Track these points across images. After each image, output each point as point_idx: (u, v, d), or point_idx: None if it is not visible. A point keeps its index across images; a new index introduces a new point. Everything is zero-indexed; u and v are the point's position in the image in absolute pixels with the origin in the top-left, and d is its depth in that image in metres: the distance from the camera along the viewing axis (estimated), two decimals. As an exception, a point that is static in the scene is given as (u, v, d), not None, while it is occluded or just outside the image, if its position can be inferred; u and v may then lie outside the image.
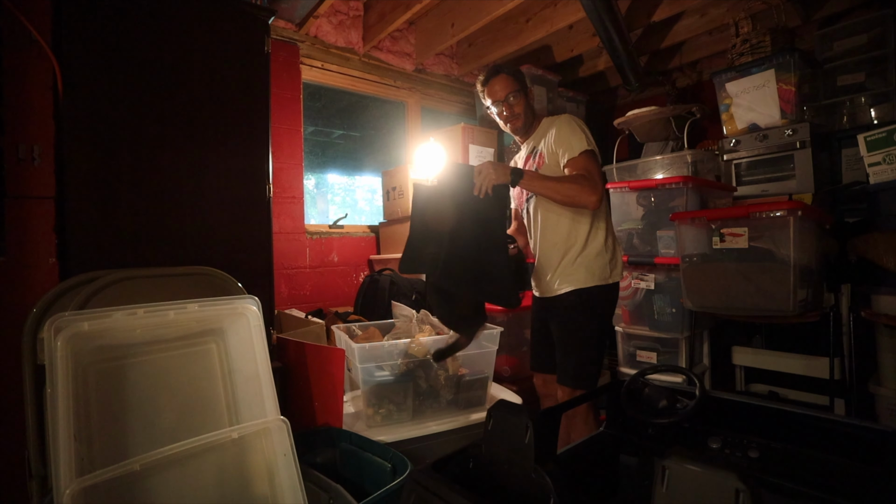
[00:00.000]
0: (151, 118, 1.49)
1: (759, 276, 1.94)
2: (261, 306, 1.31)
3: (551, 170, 1.65)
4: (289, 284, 2.78)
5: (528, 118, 1.76)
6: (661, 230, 2.41)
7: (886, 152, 1.90)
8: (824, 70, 2.53)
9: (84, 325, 1.04)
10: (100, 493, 0.95)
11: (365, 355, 1.58)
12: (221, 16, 1.64)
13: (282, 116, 2.76)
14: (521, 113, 1.73)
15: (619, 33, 2.68)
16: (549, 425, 1.03)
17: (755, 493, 0.61)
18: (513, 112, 1.73)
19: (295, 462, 1.19)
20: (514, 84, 1.71)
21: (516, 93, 1.71)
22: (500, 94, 1.72)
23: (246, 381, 1.28)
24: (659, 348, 2.47)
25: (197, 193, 1.57)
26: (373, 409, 1.61)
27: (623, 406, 1.13)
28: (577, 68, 3.61)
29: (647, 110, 3.04)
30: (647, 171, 2.93)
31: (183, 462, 1.11)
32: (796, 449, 0.93)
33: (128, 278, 1.29)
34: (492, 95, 1.74)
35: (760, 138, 2.59)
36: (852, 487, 0.84)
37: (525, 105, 1.74)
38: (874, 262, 1.85)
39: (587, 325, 1.63)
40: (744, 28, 2.70)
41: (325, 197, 3.39)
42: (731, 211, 2.05)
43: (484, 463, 0.88)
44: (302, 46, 2.87)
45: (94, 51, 1.39)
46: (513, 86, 1.71)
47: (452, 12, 3.00)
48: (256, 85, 1.72)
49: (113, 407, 1.10)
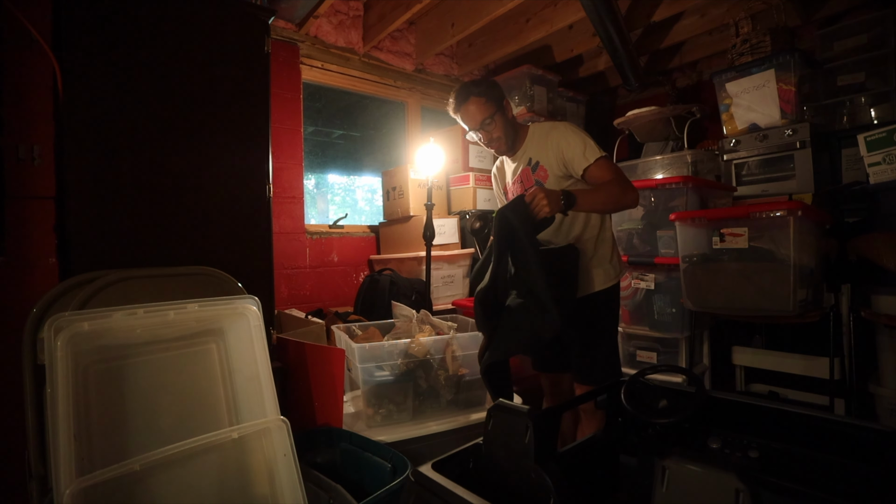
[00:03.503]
0: (151, 118, 1.49)
1: (759, 276, 1.94)
2: (261, 306, 1.31)
3: (557, 182, 1.60)
4: (289, 284, 2.77)
5: (509, 137, 1.64)
6: (661, 230, 2.41)
7: (886, 152, 1.90)
8: (824, 70, 2.53)
9: (84, 325, 1.04)
10: (100, 493, 0.95)
11: (365, 355, 1.58)
12: (221, 16, 1.64)
13: (282, 116, 2.76)
14: (500, 136, 1.62)
15: (619, 33, 2.68)
16: (549, 425, 1.03)
17: (755, 493, 0.61)
18: (491, 137, 1.63)
19: (295, 462, 1.19)
20: (486, 108, 1.58)
21: (491, 118, 1.59)
22: (474, 122, 1.61)
23: (246, 381, 1.28)
24: (659, 348, 2.47)
25: (197, 193, 1.57)
26: (373, 409, 1.61)
27: (623, 406, 1.13)
28: (577, 68, 3.61)
29: (647, 110, 3.05)
30: (647, 171, 2.93)
31: (183, 462, 1.11)
32: (796, 449, 0.93)
33: (128, 278, 1.29)
34: (467, 122, 1.63)
35: (760, 138, 2.59)
36: (852, 487, 0.84)
37: (504, 125, 1.62)
38: (874, 262, 1.85)
39: (611, 324, 1.66)
40: (744, 28, 2.70)
41: (325, 197, 3.40)
42: (731, 211, 2.06)
43: (484, 463, 0.88)
44: (302, 46, 2.87)
45: (94, 51, 1.39)
46: (486, 110, 1.58)
47: (452, 12, 3.00)
48: (256, 85, 1.72)
49: (113, 407, 1.10)
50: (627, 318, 2.57)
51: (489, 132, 1.62)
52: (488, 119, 1.59)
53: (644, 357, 2.51)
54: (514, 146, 1.68)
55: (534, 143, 1.66)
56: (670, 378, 1.58)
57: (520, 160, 1.69)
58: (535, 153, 1.65)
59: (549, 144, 1.60)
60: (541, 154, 1.63)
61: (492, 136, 1.63)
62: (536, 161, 1.64)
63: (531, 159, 1.65)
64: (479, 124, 1.60)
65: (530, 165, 1.66)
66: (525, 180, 1.68)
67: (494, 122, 1.60)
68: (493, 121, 1.60)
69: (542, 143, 1.63)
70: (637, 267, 2.48)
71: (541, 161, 1.63)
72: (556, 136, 1.60)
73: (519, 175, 1.70)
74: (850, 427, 0.92)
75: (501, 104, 1.62)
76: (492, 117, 1.60)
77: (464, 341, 1.73)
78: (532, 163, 1.65)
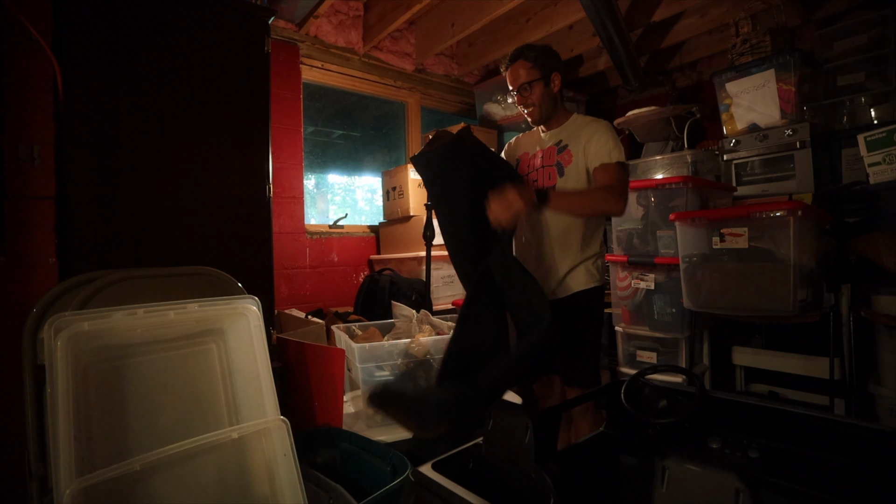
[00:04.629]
0: (151, 118, 1.49)
1: (759, 276, 1.94)
2: (261, 306, 1.31)
3: (576, 171, 1.62)
4: (289, 284, 2.77)
5: (546, 109, 1.68)
6: (661, 230, 2.41)
7: (886, 152, 1.90)
8: (824, 70, 2.53)
9: (84, 325, 1.04)
10: (100, 493, 0.95)
11: (365, 355, 1.58)
12: (221, 16, 1.64)
13: (282, 116, 2.76)
14: (535, 103, 1.66)
15: (619, 33, 2.68)
16: (549, 425, 1.03)
17: (755, 493, 0.61)
18: (526, 102, 1.67)
19: (295, 462, 1.19)
20: (530, 73, 1.64)
21: (530, 84, 1.64)
22: (515, 83, 1.67)
23: (246, 381, 1.27)
24: (659, 348, 2.47)
25: (197, 193, 1.57)
26: (373, 409, 1.61)
27: (623, 406, 1.13)
28: (577, 68, 3.61)
29: (647, 110, 3.04)
30: (647, 171, 2.93)
31: (183, 462, 1.10)
32: (796, 449, 0.93)
33: (128, 278, 1.29)
34: (509, 81, 1.69)
35: (760, 138, 2.59)
36: (852, 487, 0.84)
37: (542, 96, 1.66)
38: (874, 262, 1.85)
39: (598, 326, 1.70)
40: (744, 28, 2.70)
41: (325, 197, 3.39)
42: (731, 211, 2.06)
43: (484, 463, 0.88)
44: (302, 46, 2.87)
45: (94, 51, 1.39)
46: (529, 75, 1.64)
47: (452, 12, 3.00)
48: (256, 85, 1.72)
49: (113, 407, 1.10)
50: (627, 318, 2.57)
51: (525, 97, 1.66)
52: (528, 85, 1.64)
53: (644, 357, 2.51)
54: (548, 120, 1.71)
55: (571, 128, 1.70)
56: (670, 378, 1.58)
57: (552, 137, 1.73)
58: (567, 137, 1.68)
59: (584, 133, 1.64)
60: (572, 139, 1.66)
61: (527, 101, 1.67)
62: (565, 144, 1.67)
63: (561, 141, 1.69)
64: (518, 87, 1.65)
65: (558, 146, 1.69)
66: (546, 159, 1.71)
67: (533, 89, 1.65)
68: (532, 88, 1.64)
69: (578, 131, 1.66)
70: (637, 267, 2.48)
71: (570, 146, 1.66)
72: (594, 127, 1.64)
73: (541, 153, 1.73)
74: (850, 427, 0.93)
75: (549, 75, 1.66)
76: (531, 84, 1.64)
77: (464, 341, 1.72)
78: (561, 145, 1.68)
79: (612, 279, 2.59)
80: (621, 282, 2.56)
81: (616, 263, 2.56)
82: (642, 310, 2.50)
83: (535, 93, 1.65)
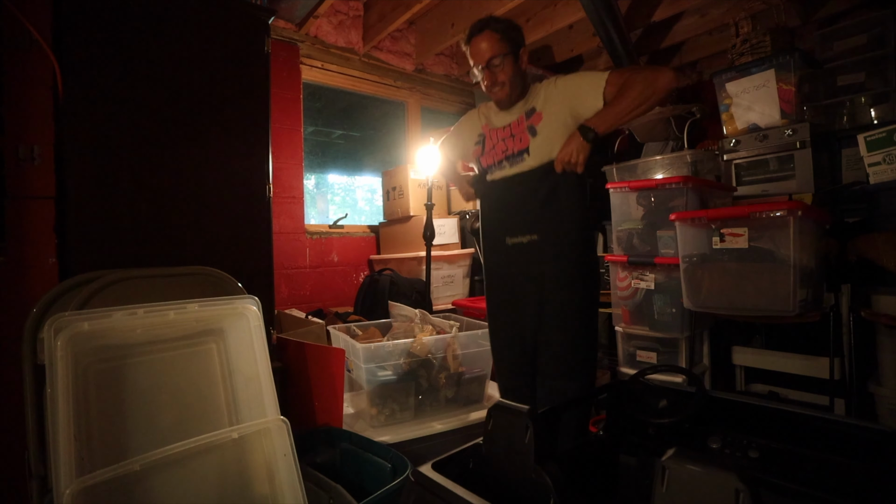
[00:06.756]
0: (151, 118, 1.49)
1: (760, 276, 1.94)
2: (261, 306, 1.31)
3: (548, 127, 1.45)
4: (289, 284, 2.78)
5: (515, 87, 1.48)
6: (661, 230, 2.41)
7: (886, 152, 1.90)
8: (824, 70, 2.52)
9: (84, 325, 1.04)
10: (100, 493, 0.95)
11: (369, 355, 1.59)
12: (221, 16, 1.64)
13: (282, 116, 2.77)
14: (506, 81, 1.45)
15: (619, 33, 2.68)
16: (549, 425, 1.03)
17: (755, 493, 0.61)
18: (495, 80, 1.46)
19: (295, 462, 1.19)
20: (499, 46, 1.43)
21: (501, 58, 1.43)
22: (481, 58, 1.44)
23: (246, 381, 1.27)
24: (659, 348, 2.47)
25: (197, 193, 1.57)
26: (377, 409, 1.61)
27: (623, 406, 1.13)
28: (577, 68, 3.61)
29: (647, 110, 3.04)
30: (647, 171, 2.93)
31: (183, 462, 1.10)
32: (796, 449, 0.93)
33: (128, 278, 1.29)
34: (474, 57, 1.47)
35: (760, 138, 2.59)
36: (852, 487, 0.84)
37: (514, 72, 1.46)
38: (874, 262, 1.85)
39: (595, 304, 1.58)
40: (744, 28, 2.70)
41: (325, 197, 3.40)
42: (731, 211, 2.05)
43: (484, 463, 0.88)
44: (302, 46, 2.88)
45: (94, 51, 1.39)
46: (499, 48, 1.43)
47: (452, 12, 3.00)
48: (257, 85, 1.72)
49: (113, 407, 1.10)
50: (627, 318, 2.57)
51: (494, 74, 1.45)
52: (498, 58, 1.44)
53: (644, 357, 2.50)
54: (515, 99, 1.53)
55: (538, 94, 1.52)
56: (670, 378, 1.58)
57: (517, 112, 1.54)
58: (537, 102, 1.51)
59: (557, 89, 1.48)
60: (545, 101, 1.49)
61: (496, 79, 1.46)
62: (533, 107, 1.50)
63: (530, 107, 1.51)
64: (487, 62, 1.44)
65: (526, 112, 1.51)
66: (516, 130, 1.53)
67: (504, 64, 1.45)
68: (503, 62, 1.44)
69: (548, 91, 1.50)
70: (637, 267, 2.48)
71: (537, 107, 1.49)
72: (561, 83, 1.49)
73: (509, 127, 1.54)
74: (850, 427, 0.93)
75: (517, 49, 1.47)
76: (502, 58, 1.44)
77: (464, 340, 1.73)
78: (528, 109, 1.51)
79: (612, 279, 2.58)
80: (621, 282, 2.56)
81: (616, 263, 2.56)
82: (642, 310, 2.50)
83: (507, 69, 1.45)
